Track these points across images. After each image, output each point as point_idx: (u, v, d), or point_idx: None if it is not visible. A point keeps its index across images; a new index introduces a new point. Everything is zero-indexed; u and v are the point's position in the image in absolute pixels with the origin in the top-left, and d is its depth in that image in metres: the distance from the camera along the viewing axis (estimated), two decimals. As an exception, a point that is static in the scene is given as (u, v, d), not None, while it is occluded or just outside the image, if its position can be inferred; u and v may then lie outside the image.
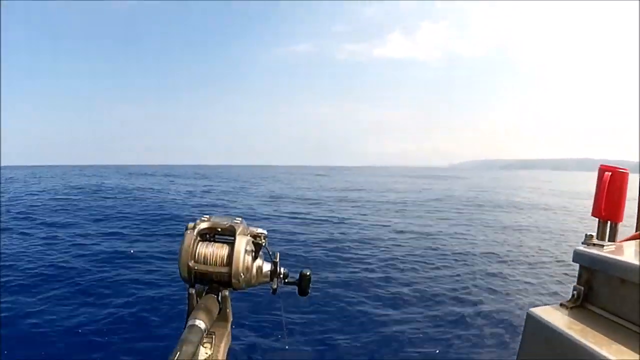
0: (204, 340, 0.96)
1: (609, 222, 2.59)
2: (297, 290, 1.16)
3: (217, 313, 1.01)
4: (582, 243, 1.65)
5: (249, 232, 1.09)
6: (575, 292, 1.51)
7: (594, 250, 1.54)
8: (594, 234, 1.68)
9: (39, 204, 15.69)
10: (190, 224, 1.08)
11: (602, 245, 1.61)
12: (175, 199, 20.14)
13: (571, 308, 1.47)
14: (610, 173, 2.59)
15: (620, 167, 2.74)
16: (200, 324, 0.89)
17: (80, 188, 21.54)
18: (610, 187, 2.57)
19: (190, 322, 0.89)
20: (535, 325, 1.39)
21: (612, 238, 2.56)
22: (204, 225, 1.08)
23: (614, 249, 1.61)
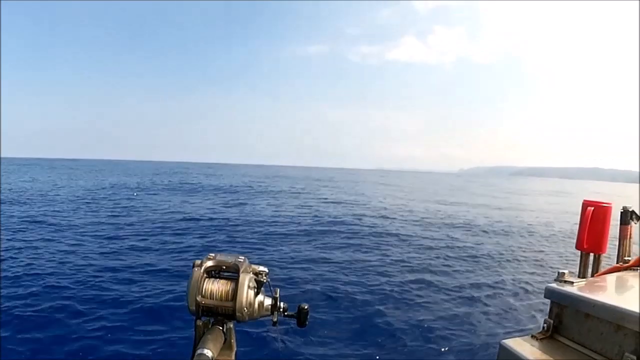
0: None
1: (591, 255, 2.75)
2: (296, 322, 1.26)
3: (222, 343, 1.11)
4: (555, 280, 1.83)
5: (251, 269, 1.19)
6: (545, 324, 1.68)
7: (563, 288, 1.72)
8: (566, 271, 1.85)
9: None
10: (197, 262, 1.17)
11: (572, 282, 1.78)
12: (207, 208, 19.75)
13: (541, 339, 1.63)
14: (592, 208, 2.76)
15: (604, 202, 2.92)
16: (208, 353, 1.00)
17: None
18: (592, 221, 2.74)
19: (198, 352, 1.00)
20: (507, 356, 1.55)
21: (596, 269, 2.72)
22: (209, 263, 1.17)
23: (583, 286, 1.79)
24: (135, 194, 25.29)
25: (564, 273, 1.83)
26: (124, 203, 20.65)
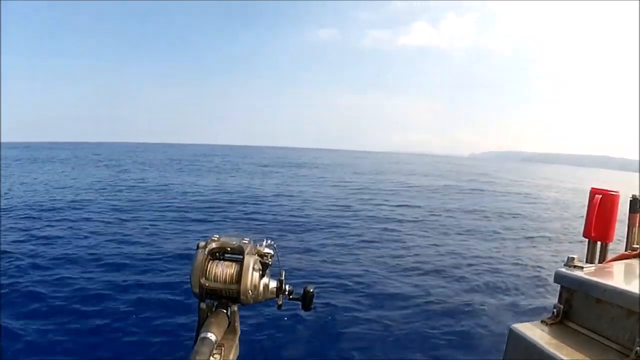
0: (214, 352, 1.01)
1: (599, 243, 2.71)
2: (300, 306, 1.22)
3: (226, 326, 1.10)
4: (565, 265, 1.79)
5: (256, 251, 1.16)
6: (555, 309, 1.65)
7: (573, 272, 1.69)
8: (576, 255, 1.81)
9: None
10: (202, 243, 1.14)
11: (582, 267, 1.75)
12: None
13: (551, 324, 1.60)
14: (600, 196, 2.72)
15: (612, 190, 2.87)
16: (211, 336, 0.98)
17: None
18: (600, 209, 2.69)
19: (202, 335, 0.98)
20: (517, 340, 1.52)
21: (603, 258, 2.69)
22: (214, 244, 1.15)
23: (593, 271, 1.75)
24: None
25: (573, 258, 1.80)
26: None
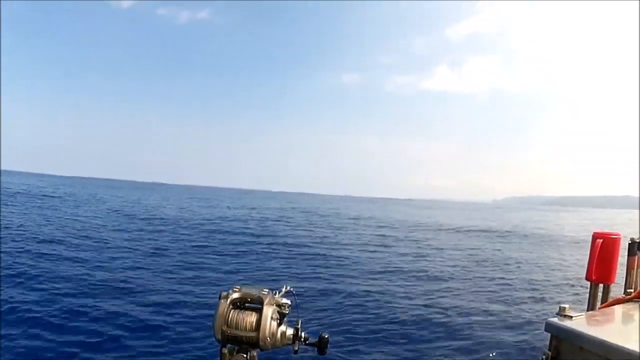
0: None
1: (600, 285, 2.91)
2: (316, 351, 1.35)
3: None
4: (556, 314, 2.02)
5: (274, 301, 1.28)
6: (544, 356, 1.89)
7: (562, 322, 1.92)
8: (567, 305, 2.03)
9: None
10: (224, 293, 1.28)
11: (571, 317, 1.98)
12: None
13: None
14: (601, 240, 2.93)
15: (613, 233, 3.07)
16: None
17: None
18: (601, 252, 2.90)
19: None
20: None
21: (605, 299, 2.88)
22: (235, 295, 1.28)
23: (580, 320, 1.98)
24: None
25: (564, 307, 2.01)
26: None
